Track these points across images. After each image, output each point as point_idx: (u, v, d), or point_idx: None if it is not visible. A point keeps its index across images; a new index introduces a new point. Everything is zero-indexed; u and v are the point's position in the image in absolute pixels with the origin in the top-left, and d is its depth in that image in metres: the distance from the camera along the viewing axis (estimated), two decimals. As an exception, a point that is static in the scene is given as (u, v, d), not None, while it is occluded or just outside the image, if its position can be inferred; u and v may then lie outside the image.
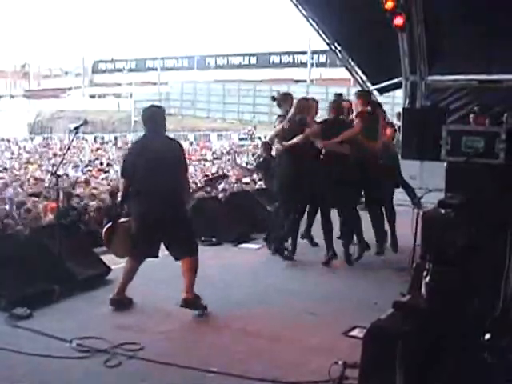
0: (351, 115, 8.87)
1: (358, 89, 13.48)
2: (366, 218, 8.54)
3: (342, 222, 8.34)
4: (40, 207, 12.12)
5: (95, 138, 44.27)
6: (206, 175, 20.18)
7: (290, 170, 7.94)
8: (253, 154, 17.89)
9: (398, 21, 11.91)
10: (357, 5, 12.14)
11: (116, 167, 25.24)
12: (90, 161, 28.66)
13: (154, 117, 6.45)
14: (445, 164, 5.42)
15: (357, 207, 8.57)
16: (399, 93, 14.80)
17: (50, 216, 11.03)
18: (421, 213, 5.09)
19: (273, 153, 9.29)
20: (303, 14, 14.20)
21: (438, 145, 5.51)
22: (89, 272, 7.02)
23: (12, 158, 31.62)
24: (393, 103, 26.31)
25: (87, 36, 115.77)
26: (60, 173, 7.80)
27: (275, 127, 8.30)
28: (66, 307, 6.21)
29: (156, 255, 6.47)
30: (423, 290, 4.42)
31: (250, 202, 10.77)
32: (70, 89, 70.46)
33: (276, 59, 62.85)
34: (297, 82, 57.11)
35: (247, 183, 18.09)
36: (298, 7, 14.05)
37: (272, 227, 8.61)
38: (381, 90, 15.29)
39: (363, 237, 8.34)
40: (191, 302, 6.22)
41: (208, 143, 42.36)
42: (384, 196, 8.70)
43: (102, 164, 27.28)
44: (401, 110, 13.89)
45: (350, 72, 15.49)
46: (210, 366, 4.90)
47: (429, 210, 5.23)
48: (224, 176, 8.73)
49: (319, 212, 8.30)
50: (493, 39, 11.45)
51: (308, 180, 7.88)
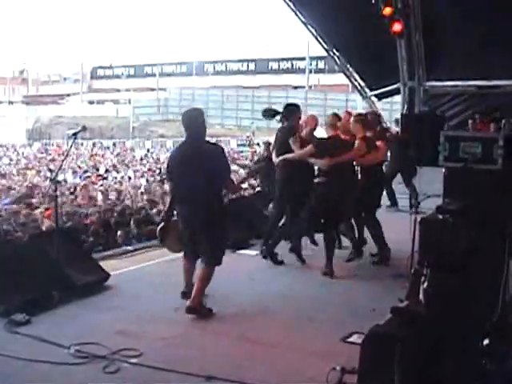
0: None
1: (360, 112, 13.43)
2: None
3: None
4: (37, 213, 12.11)
5: (94, 144, 44.28)
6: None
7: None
8: (251, 160, 17.89)
9: (397, 27, 11.93)
10: (355, 11, 12.16)
11: (115, 173, 25.23)
12: (86, 168, 28.65)
13: (194, 121, 6.61)
14: (443, 170, 5.44)
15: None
16: (397, 98, 14.81)
17: (47, 222, 11.02)
18: (419, 218, 5.11)
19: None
20: (302, 20, 14.22)
21: (436, 150, 5.52)
22: (88, 278, 7.00)
23: (10, 164, 31.60)
24: (391, 109, 26.33)
25: (86, 42, 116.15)
26: (59, 179, 7.79)
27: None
28: (65, 313, 6.20)
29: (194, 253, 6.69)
30: (421, 296, 4.43)
31: (247, 208, 10.75)
32: (68, 95, 70.50)
33: (274, 65, 62.94)
34: (295, 88, 57.20)
35: (245, 188, 18.07)
36: (296, 13, 14.07)
37: (268, 232, 8.62)
38: (379, 96, 15.32)
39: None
40: (193, 311, 6.28)
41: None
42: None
43: (98, 170, 27.27)
44: (399, 116, 13.90)
45: (349, 78, 15.51)
46: (208, 372, 4.88)
47: (427, 215, 5.24)
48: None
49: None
50: (491, 45, 11.47)
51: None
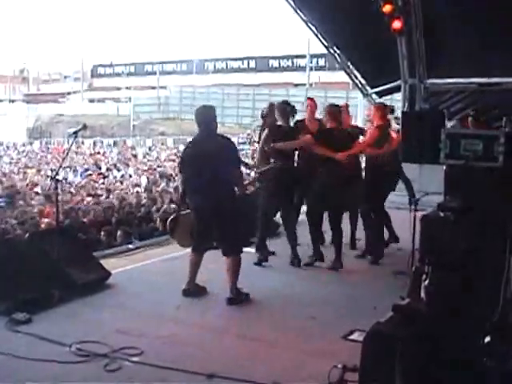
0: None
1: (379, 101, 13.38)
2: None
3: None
4: (35, 211, 12.12)
5: (94, 143, 44.26)
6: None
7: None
8: (252, 158, 17.90)
9: (397, 24, 11.93)
10: (355, 9, 12.15)
11: (115, 172, 25.24)
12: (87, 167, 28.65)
13: (206, 117, 6.84)
14: (444, 167, 5.42)
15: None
16: (398, 96, 14.80)
17: (46, 220, 11.03)
18: (419, 216, 5.10)
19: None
20: (302, 18, 14.21)
21: (436, 148, 5.51)
22: (88, 276, 7.00)
23: (11, 162, 31.59)
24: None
25: (86, 40, 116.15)
26: (59, 177, 7.80)
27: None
28: (66, 312, 6.20)
29: (211, 247, 7.02)
30: (422, 294, 4.43)
31: (248, 206, 10.73)
32: (69, 93, 70.46)
33: (275, 63, 62.81)
34: (296, 85, 57.10)
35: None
36: (296, 11, 14.05)
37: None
38: (380, 93, 15.30)
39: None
40: (234, 301, 6.68)
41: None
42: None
43: (100, 168, 27.28)
44: (400, 113, 13.88)
45: (349, 75, 15.49)
46: (210, 370, 4.89)
47: (428, 213, 5.24)
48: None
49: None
50: (492, 42, 11.45)
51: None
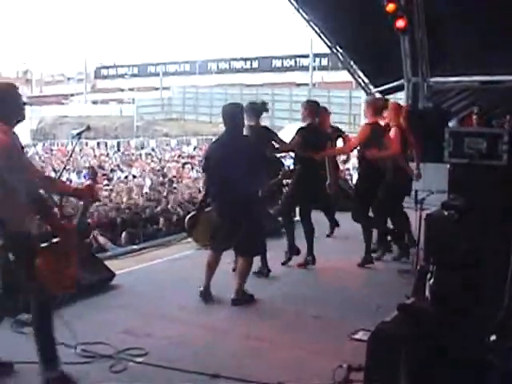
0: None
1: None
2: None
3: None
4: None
5: (98, 144, 44.29)
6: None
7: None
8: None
9: (400, 23, 11.90)
10: (358, 8, 12.14)
11: (119, 173, 25.24)
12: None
13: (233, 115, 6.80)
14: (448, 166, 5.42)
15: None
16: (401, 95, 14.78)
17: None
18: (424, 215, 5.09)
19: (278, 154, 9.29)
20: (304, 18, 14.20)
21: (440, 146, 5.51)
22: (93, 278, 7.00)
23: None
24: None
25: (89, 42, 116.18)
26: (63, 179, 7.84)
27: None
28: (70, 313, 6.19)
29: (231, 247, 6.91)
30: (427, 293, 4.42)
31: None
32: (72, 95, 70.52)
33: (278, 63, 62.82)
34: (299, 85, 57.10)
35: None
36: (299, 11, 14.05)
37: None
38: (383, 92, 15.27)
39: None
40: (238, 303, 6.68)
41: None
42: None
43: (103, 169, 27.27)
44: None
45: (352, 75, 15.49)
46: (214, 371, 4.89)
47: (432, 212, 5.23)
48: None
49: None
50: (494, 40, 11.43)
51: None
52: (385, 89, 15.00)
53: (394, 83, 14.38)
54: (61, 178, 5.75)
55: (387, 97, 15.67)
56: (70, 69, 76.72)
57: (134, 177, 23.31)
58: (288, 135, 9.20)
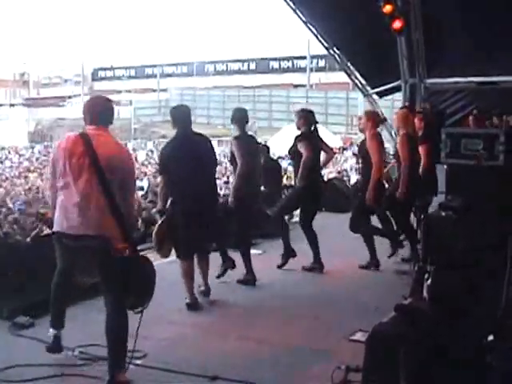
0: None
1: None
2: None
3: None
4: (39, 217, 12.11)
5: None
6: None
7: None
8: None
9: (397, 24, 11.89)
10: (355, 9, 12.13)
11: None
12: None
13: (185, 116, 7.03)
14: (445, 166, 5.43)
15: None
16: (398, 96, 14.77)
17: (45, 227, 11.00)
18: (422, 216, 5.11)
19: (273, 156, 9.34)
20: (301, 19, 14.18)
21: (437, 147, 5.52)
22: (91, 280, 6.99)
23: (12, 166, 31.60)
24: (392, 106, 26.33)
25: (86, 44, 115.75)
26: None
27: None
28: (68, 315, 6.16)
29: (202, 249, 6.97)
30: (425, 293, 4.43)
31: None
32: (69, 97, 70.51)
33: (275, 64, 62.89)
34: (296, 86, 57.16)
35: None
36: (296, 12, 14.03)
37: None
38: (380, 94, 15.27)
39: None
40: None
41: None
42: None
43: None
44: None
45: (349, 76, 15.46)
46: (213, 373, 4.90)
47: (430, 212, 5.24)
48: None
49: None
50: (492, 40, 11.44)
51: None
52: (382, 90, 15.00)
53: (391, 84, 14.36)
54: None
55: (385, 98, 15.79)
56: (67, 71, 76.67)
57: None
58: (285, 137, 9.22)
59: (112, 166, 4.72)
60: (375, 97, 15.22)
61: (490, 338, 3.75)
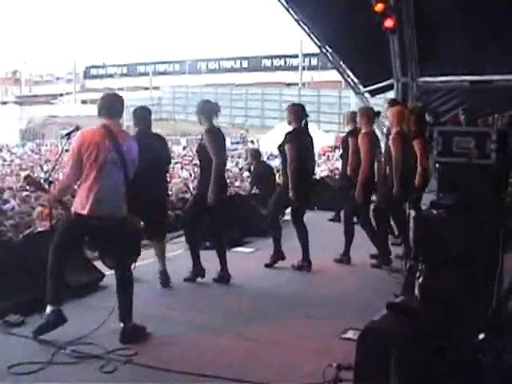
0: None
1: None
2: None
3: None
4: (34, 214, 12.08)
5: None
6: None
7: None
8: (246, 159, 17.86)
9: (389, 23, 11.92)
10: (347, 7, 12.16)
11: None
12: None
13: (146, 117, 7.66)
14: (437, 165, 5.44)
15: None
16: (391, 95, 14.82)
17: (43, 223, 10.98)
18: (413, 214, 5.12)
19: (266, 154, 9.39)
20: (294, 18, 14.21)
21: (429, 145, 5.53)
22: (82, 278, 6.99)
23: (4, 164, 31.53)
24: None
25: (78, 41, 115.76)
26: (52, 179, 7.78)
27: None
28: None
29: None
30: (416, 291, 4.44)
31: (243, 206, 10.77)
32: (61, 95, 70.42)
33: (268, 63, 62.97)
34: (288, 85, 57.22)
35: (239, 186, 18.10)
36: (288, 10, 14.06)
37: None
38: (372, 92, 15.33)
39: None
40: (167, 284, 7.42)
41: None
42: None
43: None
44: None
45: (342, 74, 15.52)
46: (205, 371, 4.89)
47: (422, 211, 5.25)
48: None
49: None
50: (484, 39, 11.48)
51: None
52: (374, 88, 15.05)
53: (383, 83, 14.42)
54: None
55: (377, 96, 15.83)
56: (59, 69, 76.55)
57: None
58: (278, 135, 9.26)
59: (128, 156, 5.54)
60: (367, 95, 15.27)
61: (482, 335, 3.76)
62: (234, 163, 29.06)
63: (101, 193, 5.42)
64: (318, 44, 14.87)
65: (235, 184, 18.62)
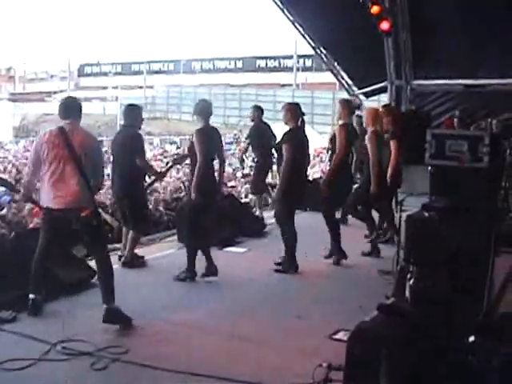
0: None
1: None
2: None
3: None
4: (25, 211, 12.05)
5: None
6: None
7: None
8: (242, 159, 17.80)
9: (384, 25, 11.93)
10: (342, 9, 12.16)
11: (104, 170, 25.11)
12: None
13: (137, 116, 8.39)
14: (429, 168, 5.45)
15: None
16: (385, 97, 14.85)
17: (36, 220, 10.95)
18: (404, 216, 5.13)
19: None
20: (289, 19, 14.22)
21: (422, 148, 5.54)
22: (74, 275, 6.98)
23: (-4, 161, 31.41)
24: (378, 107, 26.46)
25: (73, 39, 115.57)
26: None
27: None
28: (51, 310, 6.18)
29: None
30: (407, 293, 4.45)
31: (234, 206, 10.77)
32: (55, 92, 70.10)
33: (262, 63, 62.82)
34: (283, 86, 57.17)
35: (233, 186, 18.08)
36: (283, 11, 14.06)
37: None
38: (366, 94, 15.34)
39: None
40: (127, 266, 8.02)
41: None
42: None
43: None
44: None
45: (336, 76, 15.53)
46: (196, 370, 4.90)
47: (412, 213, 5.27)
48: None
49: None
50: (478, 43, 11.51)
51: None
52: (368, 90, 15.06)
53: (377, 85, 14.43)
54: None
55: (371, 98, 15.85)
56: (53, 66, 76.25)
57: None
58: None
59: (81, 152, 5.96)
60: (362, 97, 15.29)
61: (472, 337, 3.78)
62: (227, 163, 28.95)
63: (55, 187, 5.90)
64: (313, 45, 14.88)
65: (229, 184, 18.59)
